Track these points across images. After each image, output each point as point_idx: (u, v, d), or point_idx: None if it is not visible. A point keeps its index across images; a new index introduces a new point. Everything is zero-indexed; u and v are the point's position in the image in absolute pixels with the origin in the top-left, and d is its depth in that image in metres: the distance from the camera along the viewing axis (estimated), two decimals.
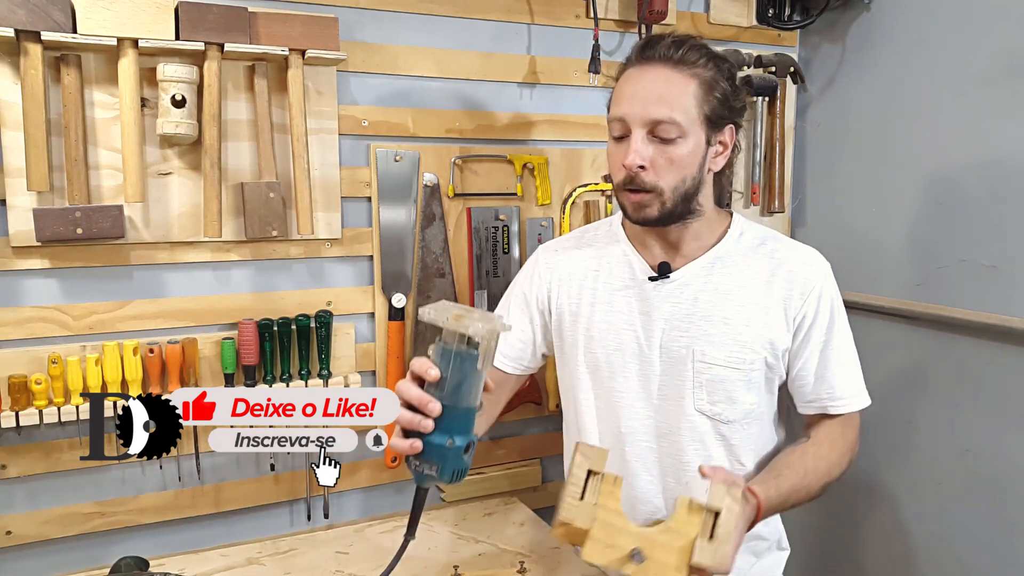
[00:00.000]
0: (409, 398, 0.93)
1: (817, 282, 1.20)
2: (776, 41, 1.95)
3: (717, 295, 1.19)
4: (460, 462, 0.93)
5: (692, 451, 1.22)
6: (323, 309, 1.52)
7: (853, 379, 1.23)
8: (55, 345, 1.35)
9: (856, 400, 1.23)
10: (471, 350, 0.91)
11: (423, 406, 0.91)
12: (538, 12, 1.67)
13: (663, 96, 1.10)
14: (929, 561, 1.72)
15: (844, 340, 1.23)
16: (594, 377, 1.27)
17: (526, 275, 1.35)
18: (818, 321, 1.19)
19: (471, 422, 0.95)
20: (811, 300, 1.19)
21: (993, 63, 1.55)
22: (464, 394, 0.92)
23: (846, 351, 1.23)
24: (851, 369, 1.23)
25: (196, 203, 1.40)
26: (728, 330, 1.18)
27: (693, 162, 1.13)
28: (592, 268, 1.28)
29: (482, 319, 0.91)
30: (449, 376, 0.91)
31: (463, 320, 0.90)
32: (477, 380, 0.93)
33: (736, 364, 1.18)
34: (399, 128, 1.57)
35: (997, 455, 1.58)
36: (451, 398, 0.92)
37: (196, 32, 1.31)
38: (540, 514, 1.57)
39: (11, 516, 1.37)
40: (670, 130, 1.10)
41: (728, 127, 1.17)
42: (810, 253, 1.24)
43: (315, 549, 1.39)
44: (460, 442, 0.92)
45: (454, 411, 0.92)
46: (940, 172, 1.66)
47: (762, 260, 1.21)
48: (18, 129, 1.26)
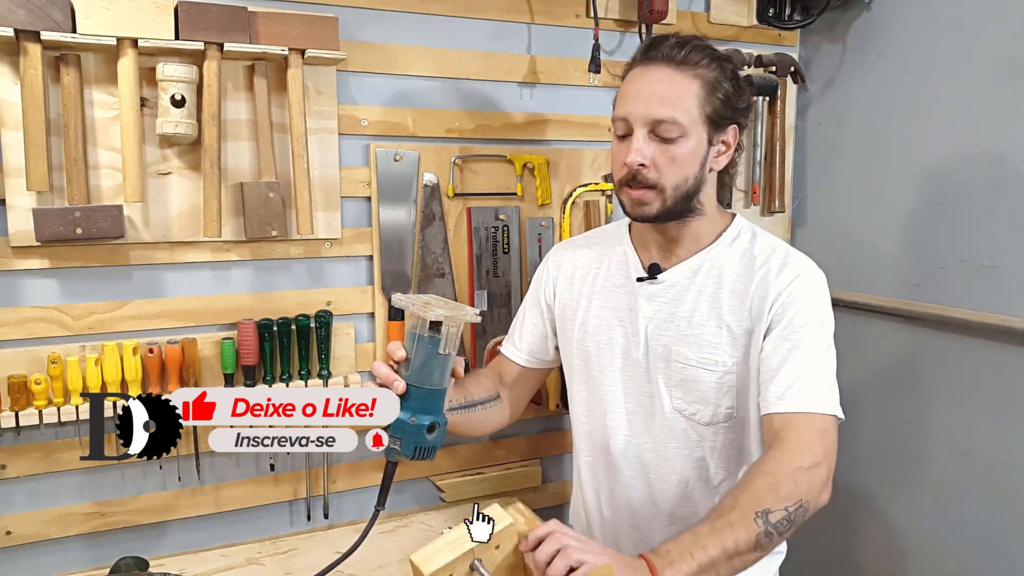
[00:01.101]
0: (378, 375, 1.03)
1: (790, 286, 1.14)
2: (776, 41, 1.95)
3: (699, 297, 1.20)
4: (423, 439, 1.01)
5: (672, 450, 1.24)
6: (323, 309, 1.52)
7: (809, 382, 1.11)
8: (55, 345, 1.35)
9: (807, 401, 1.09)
10: (434, 334, 1.00)
11: (388, 383, 1.01)
12: (538, 12, 1.67)
13: (665, 96, 1.11)
14: (929, 561, 1.72)
15: (812, 347, 1.12)
16: (586, 371, 1.31)
17: (538, 273, 1.41)
18: (782, 322, 1.13)
19: (437, 403, 1.03)
20: (779, 303, 1.14)
21: (993, 63, 1.55)
22: (428, 375, 1.01)
23: (811, 356, 1.12)
24: (809, 373, 1.11)
25: (196, 203, 1.40)
26: (703, 332, 1.19)
27: (694, 161, 1.14)
28: (594, 266, 1.33)
29: (447, 307, 1.00)
30: (414, 357, 1.01)
31: (428, 307, 0.99)
32: (441, 363, 1.01)
33: (708, 366, 1.18)
34: (399, 128, 1.57)
35: (997, 455, 1.58)
36: (415, 378, 1.01)
37: (196, 32, 1.31)
38: (540, 514, 1.57)
39: (11, 516, 1.37)
40: (671, 129, 1.11)
41: (731, 127, 1.17)
42: (796, 261, 1.18)
43: (315, 549, 1.39)
44: (423, 420, 1.01)
45: (419, 391, 1.01)
46: (940, 172, 1.66)
47: (747, 263, 1.20)
48: (18, 129, 1.25)
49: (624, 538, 1.31)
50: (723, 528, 0.97)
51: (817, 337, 1.14)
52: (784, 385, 1.11)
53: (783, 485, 1.01)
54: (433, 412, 1.02)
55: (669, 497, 1.26)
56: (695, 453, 1.23)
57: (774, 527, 0.99)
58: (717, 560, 0.95)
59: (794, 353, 1.12)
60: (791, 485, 1.01)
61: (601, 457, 1.32)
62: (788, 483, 1.01)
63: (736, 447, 1.23)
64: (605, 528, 1.35)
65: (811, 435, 1.07)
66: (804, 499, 1.02)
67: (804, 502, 1.02)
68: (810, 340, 1.13)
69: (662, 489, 1.26)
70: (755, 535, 0.97)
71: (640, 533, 1.29)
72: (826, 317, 1.16)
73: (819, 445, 1.07)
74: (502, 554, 0.97)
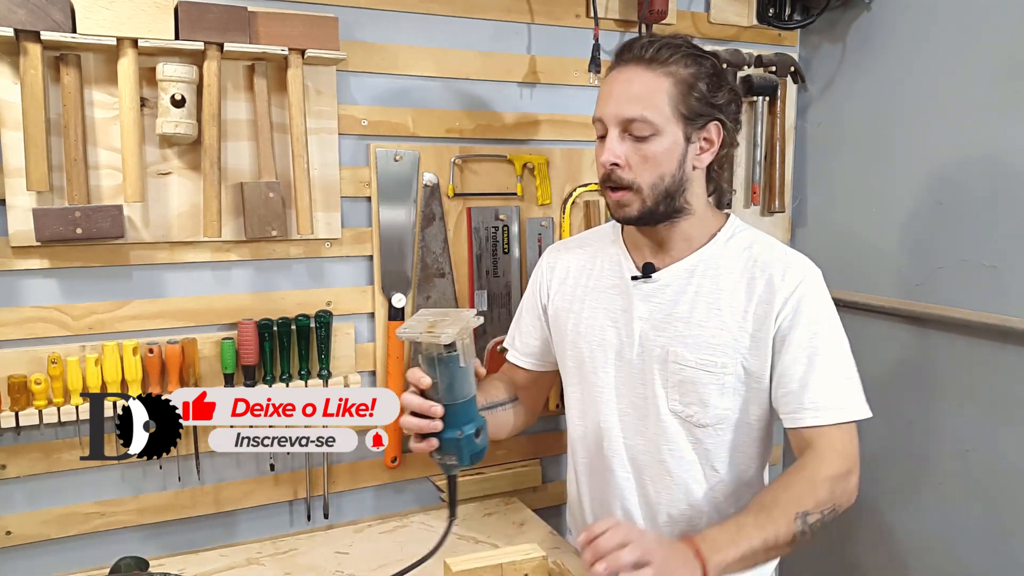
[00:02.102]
0: (413, 407, 1.05)
1: (797, 290, 1.15)
2: (776, 41, 1.94)
3: (696, 297, 1.20)
4: (473, 446, 1.07)
5: (667, 452, 1.23)
6: (323, 309, 1.52)
7: (838, 390, 1.14)
8: (55, 345, 1.35)
9: (838, 412, 1.13)
10: (451, 352, 1.02)
11: (426, 411, 1.04)
12: (538, 12, 1.67)
13: (636, 95, 1.13)
14: (928, 561, 1.72)
15: (830, 351, 1.15)
16: (579, 373, 1.31)
17: (533, 276, 1.42)
18: (796, 330, 1.14)
19: (473, 409, 1.07)
20: (787, 308, 1.15)
21: (993, 63, 1.55)
22: (458, 390, 1.05)
23: (832, 362, 1.15)
24: (835, 380, 1.14)
25: (196, 203, 1.40)
26: (702, 332, 1.18)
27: (670, 159, 1.15)
28: (587, 267, 1.33)
29: (450, 321, 1.02)
30: (440, 380, 1.04)
31: (435, 330, 1.01)
32: (465, 375, 1.05)
33: (708, 367, 1.18)
34: (399, 128, 1.57)
35: (997, 455, 1.58)
36: (448, 397, 1.04)
37: (196, 32, 1.30)
38: (540, 514, 1.57)
39: (11, 516, 1.37)
40: (643, 128, 1.13)
41: (713, 124, 1.17)
42: (796, 260, 1.19)
43: (315, 549, 1.39)
44: (468, 430, 1.05)
45: (454, 407, 1.05)
46: (940, 172, 1.66)
47: (746, 264, 1.20)
48: (18, 129, 1.25)
49: None
50: (766, 523, 1.04)
51: (834, 341, 1.16)
52: (813, 398, 1.13)
53: (820, 490, 1.08)
54: (473, 419, 1.07)
55: (665, 500, 1.25)
56: (690, 455, 1.22)
57: (810, 527, 1.06)
58: (757, 551, 1.03)
59: (815, 362, 1.14)
60: (827, 491, 1.08)
61: (595, 459, 1.31)
62: (825, 489, 1.08)
63: (733, 448, 1.22)
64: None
65: (843, 444, 1.13)
66: (837, 504, 1.10)
67: (837, 507, 1.10)
68: (827, 345, 1.15)
69: (657, 491, 1.26)
70: (793, 533, 1.05)
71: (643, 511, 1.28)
72: (833, 314, 1.19)
73: (851, 451, 1.13)
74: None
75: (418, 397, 1.05)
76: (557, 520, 1.53)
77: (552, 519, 1.54)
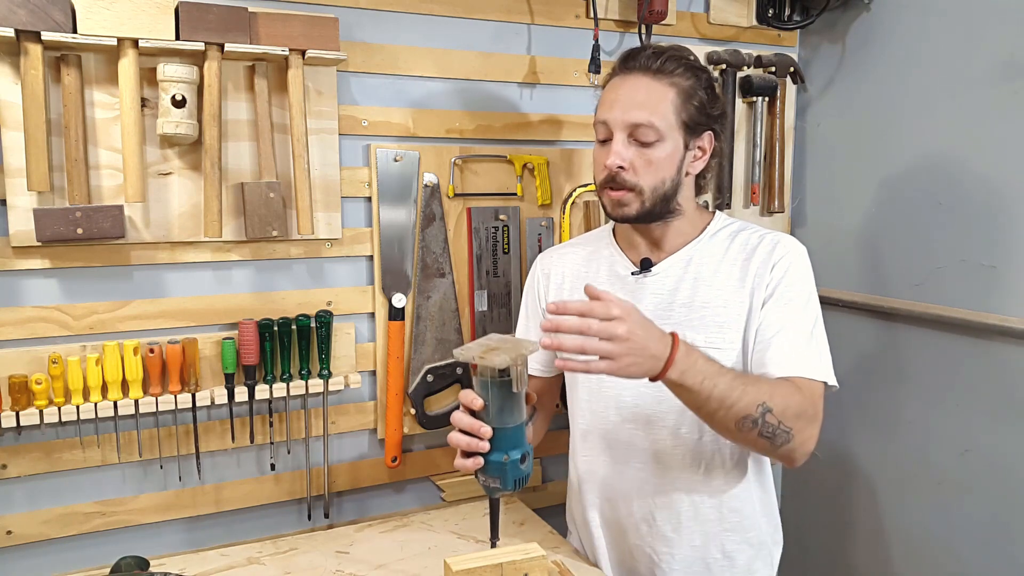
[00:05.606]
0: (463, 426, 1.07)
1: (783, 261, 1.22)
2: (776, 41, 1.95)
3: (696, 283, 1.25)
4: (518, 471, 1.07)
5: (675, 438, 1.25)
6: (323, 309, 1.52)
7: (803, 350, 1.18)
8: (55, 345, 1.35)
9: (803, 366, 1.17)
10: (504, 377, 1.04)
11: (475, 430, 1.06)
12: (538, 12, 1.68)
13: (643, 102, 1.19)
14: (928, 561, 1.72)
15: (807, 316, 1.20)
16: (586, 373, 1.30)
17: (528, 285, 1.45)
18: (779, 290, 1.21)
19: (521, 436, 1.08)
20: (776, 271, 1.22)
21: (993, 63, 1.55)
22: (508, 415, 1.06)
23: (802, 328, 1.19)
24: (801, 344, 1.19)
25: (196, 203, 1.40)
26: (707, 313, 1.23)
27: (671, 164, 1.21)
28: (583, 269, 1.36)
29: (509, 348, 1.03)
30: (491, 403, 1.05)
31: (490, 355, 1.02)
32: (516, 400, 1.06)
33: (716, 344, 1.22)
34: (399, 128, 1.57)
35: (996, 455, 1.58)
36: (497, 420, 1.06)
37: (196, 32, 1.31)
38: (540, 514, 1.57)
39: (11, 516, 1.37)
40: (649, 134, 1.19)
41: (707, 133, 1.24)
42: (782, 236, 1.27)
43: (315, 549, 1.39)
44: (514, 456, 1.06)
45: (503, 431, 1.06)
46: (940, 172, 1.66)
47: (738, 248, 1.26)
48: (18, 129, 1.26)
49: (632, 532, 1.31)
50: (738, 385, 1.08)
51: (810, 307, 1.22)
52: (786, 350, 1.18)
53: (790, 409, 1.11)
54: (519, 444, 1.08)
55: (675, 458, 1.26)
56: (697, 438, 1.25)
57: (759, 423, 1.09)
58: (714, 395, 1.06)
59: (790, 319, 1.20)
60: (795, 413, 1.11)
61: (602, 452, 1.32)
62: (793, 412, 1.11)
63: None
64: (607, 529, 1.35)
65: (812, 396, 1.16)
66: (794, 433, 1.12)
67: (792, 435, 1.12)
68: (804, 309, 1.21)
69: (664, 480, 1.27)
70: (747, 413, 1.08)
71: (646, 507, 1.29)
72: (814, 291, 1.24)
73: (818, 406, 1.16)
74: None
75: (469, 416, 1.07)
76: (557, 520, 1.53)
77: (552, 519, 1.54)
